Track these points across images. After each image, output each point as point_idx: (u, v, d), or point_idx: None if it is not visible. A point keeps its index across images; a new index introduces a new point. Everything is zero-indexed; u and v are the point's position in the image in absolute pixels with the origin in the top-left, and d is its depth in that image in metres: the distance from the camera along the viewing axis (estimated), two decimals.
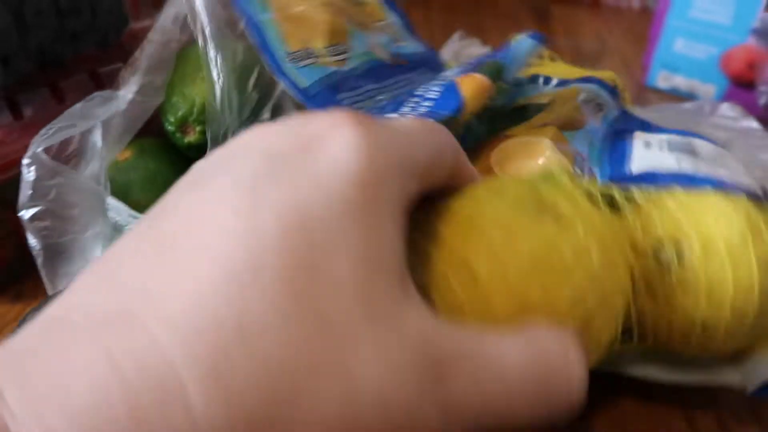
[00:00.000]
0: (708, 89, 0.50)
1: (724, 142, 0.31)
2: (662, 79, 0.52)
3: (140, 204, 0.30)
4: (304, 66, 0.31)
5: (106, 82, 0.36)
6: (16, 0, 0.30)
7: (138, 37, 0.33)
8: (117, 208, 0.28)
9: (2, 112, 0.32)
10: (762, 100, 0.46)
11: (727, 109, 0.36)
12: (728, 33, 0.47)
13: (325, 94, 0.30)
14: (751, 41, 0.46)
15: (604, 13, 0.67)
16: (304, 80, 0.30)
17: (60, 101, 0.33)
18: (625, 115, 0.35)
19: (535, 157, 0.30)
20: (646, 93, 0.53)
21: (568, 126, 0.32)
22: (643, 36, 0.54)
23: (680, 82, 0.51)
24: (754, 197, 0.24)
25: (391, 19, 0.38)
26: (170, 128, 0.31)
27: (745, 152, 0.31)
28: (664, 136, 0.30)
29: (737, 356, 0.24)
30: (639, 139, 0.31)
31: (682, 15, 0.49)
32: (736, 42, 0.47)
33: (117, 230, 0.28)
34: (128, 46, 0.36)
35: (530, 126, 0.32)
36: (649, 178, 0.26)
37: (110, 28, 0.36)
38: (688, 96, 0.51)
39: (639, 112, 0.36)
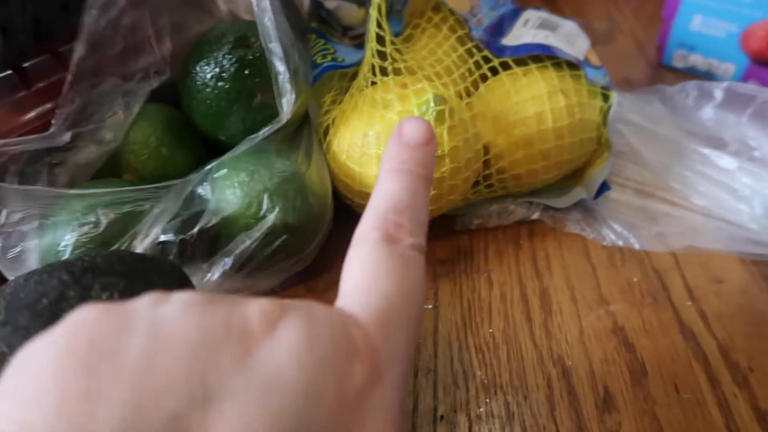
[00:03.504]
0: (727, 68, 0.48)
1: None
2: (678, 59, 0.51)
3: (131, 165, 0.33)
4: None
5: None
6: None
7: None
8: None
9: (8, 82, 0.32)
10: None
11: None
12: (748, 9, 0.45)
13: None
14: None
15: None
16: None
17: (65, 68, 0.32)
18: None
19: None
20: (662, 72, 0.51)
21: None
22: (655, 14, 0.52)
23: (698, 60, 0.50)
24: (573, 63, 0.36)
25: None
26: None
27: None
28: (543, 14, 0.41)
29: (580, 182, 0.38)
30: (523, 17, 0.41)
31: None
32: (756, 18, 0.45)
33: None
34: None
35: None
36: (514, 50, 0.37)
37: None
38: (706, 75, 0.49)
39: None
